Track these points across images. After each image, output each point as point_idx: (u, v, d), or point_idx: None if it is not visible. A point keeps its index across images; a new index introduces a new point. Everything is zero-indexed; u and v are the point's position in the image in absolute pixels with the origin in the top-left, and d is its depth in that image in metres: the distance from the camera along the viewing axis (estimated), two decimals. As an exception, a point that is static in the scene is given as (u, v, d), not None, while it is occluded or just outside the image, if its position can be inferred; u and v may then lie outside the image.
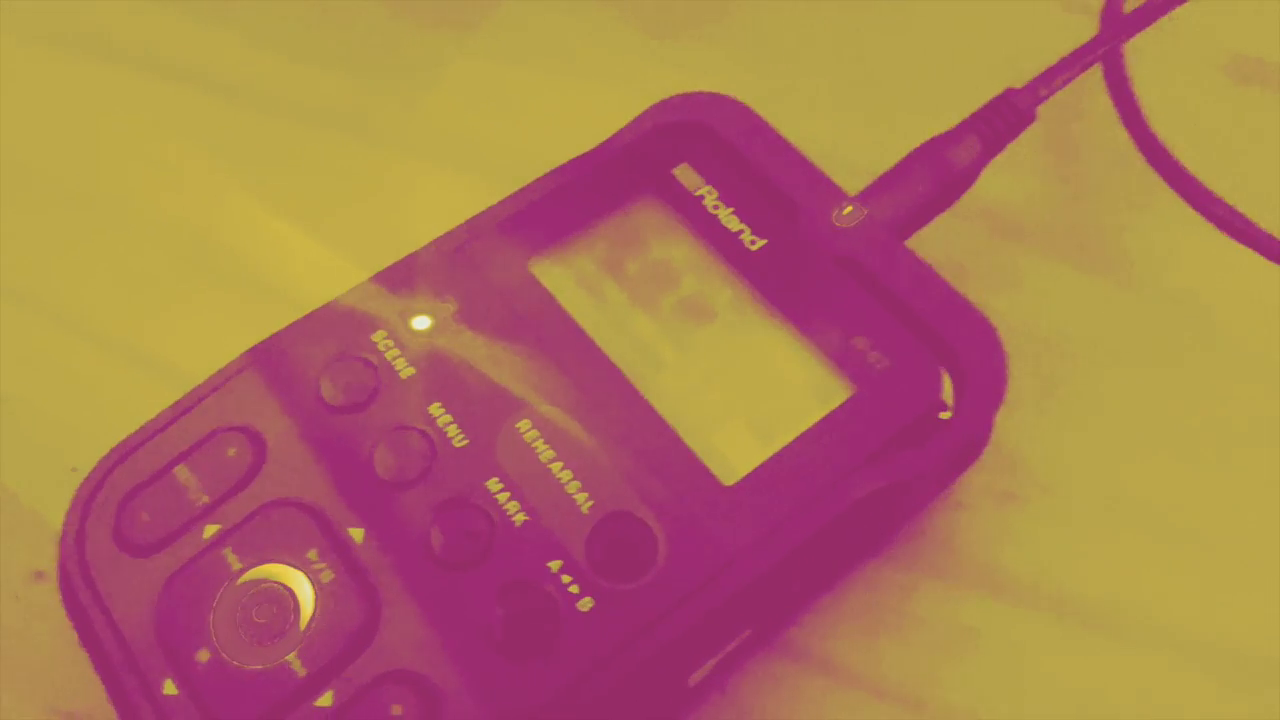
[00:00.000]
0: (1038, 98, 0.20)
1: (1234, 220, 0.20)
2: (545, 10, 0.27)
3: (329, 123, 0.25)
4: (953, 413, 0.17)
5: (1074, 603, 0.19)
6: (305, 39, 0.26)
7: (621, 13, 0.27)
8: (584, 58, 0.26)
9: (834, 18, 0.26)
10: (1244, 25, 0.26)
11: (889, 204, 0.20)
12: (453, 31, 0.26)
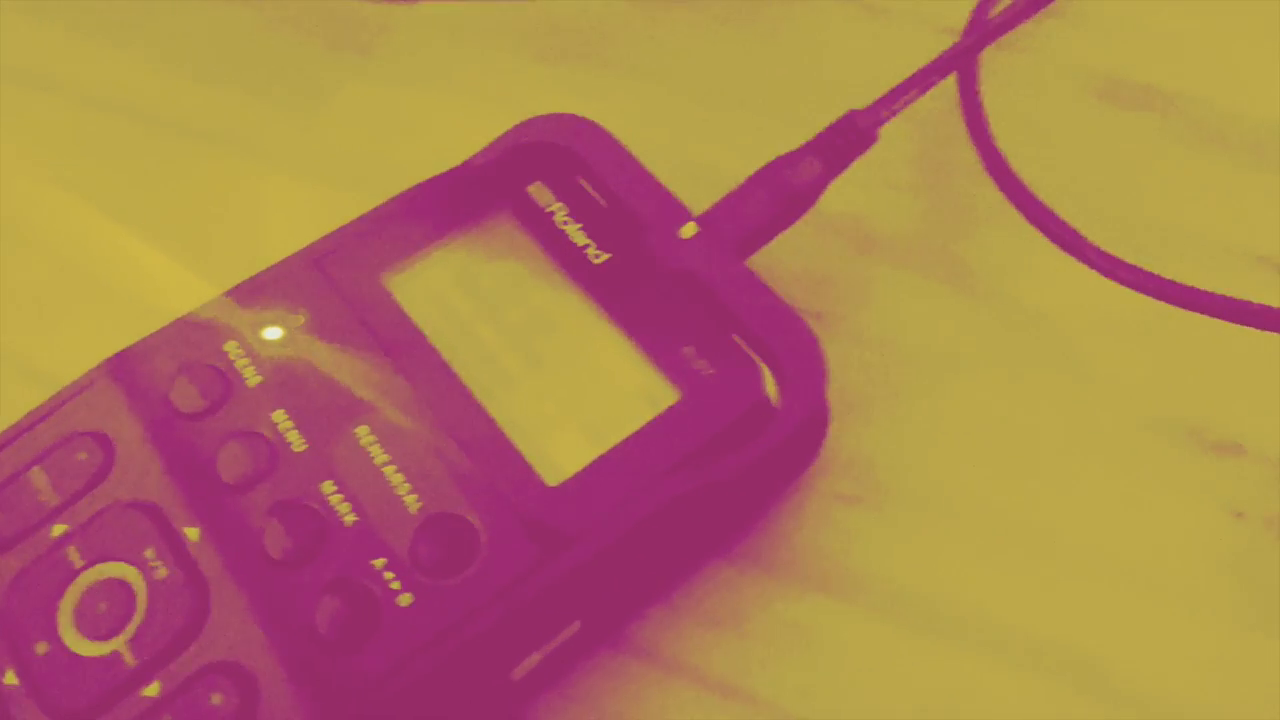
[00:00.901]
0: (879, 119, 0.21)
1: (1066, 235, 0.21)
2: (435, 37, 0.28)
3: (222, 143, 0.26)
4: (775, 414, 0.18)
5: (906, 602, 0.20)
6: (210, 62, 0.27)
7: (508, 39, 0.28)
8: (470, 81, 0.27)
9: (711, 43, 0.27)
10: (1107, 46, 0.27)
11: (731, 221, 0.21)
12: (349, 56, 0.27)
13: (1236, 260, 0.24)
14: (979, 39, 0.22)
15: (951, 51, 0.22)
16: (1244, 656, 0.20)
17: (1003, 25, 0.22)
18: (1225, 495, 0.21)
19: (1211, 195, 0.25)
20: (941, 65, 0.22)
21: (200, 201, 0.25)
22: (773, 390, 0.18)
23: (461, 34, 0.28)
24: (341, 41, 0.28)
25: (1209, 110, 0.26)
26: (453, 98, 0.27)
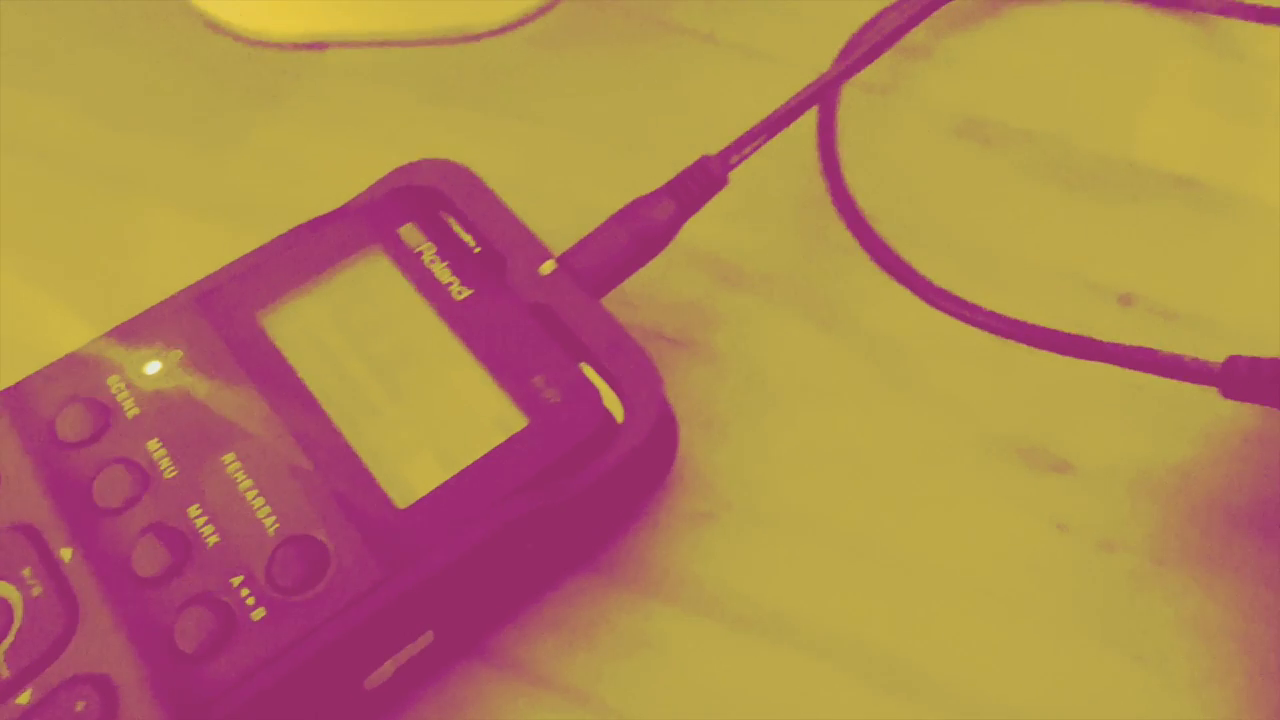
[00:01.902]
0: (729, 164, 0.23)
1: (900, 268, 0.23)
2: (342, 83, 0.29)
3: (133, 186, 0.27)
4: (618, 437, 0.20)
5: (752, 613, 0.22)
6: (124, 107, 0.29)
7: (410, 84, 0.29)
8: (373, 125, 0.28)
9: (596, 87, 0.29)
10: (968, 86, 0.28)
11: (589, 259, 0.22)
12: (261, 102, 0.29)
13: (1077, 288, 0.25)
14: (823, 86, 0.23)
15: (797, 98, 0.23)
16: (1063, 663, 0.21)
17: (848, 70, 0.24)
18: (1052, 510, 0.22)
19: (1058, 227, 0.26)
20: (788, 112, 0.23)
21: (108, 241, 0.27)
22: (615, 416, 0.20)
23: (367, 80, 0.29)
24: (253, 88, 0.29)
25: (1060, 147, 0.27)
26: (356, 141, 0.28)
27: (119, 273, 0.26)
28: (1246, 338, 0.25)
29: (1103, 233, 0.26)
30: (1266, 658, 0.21)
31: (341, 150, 0.28)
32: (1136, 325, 0.25)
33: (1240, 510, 0.22)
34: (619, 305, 0.25)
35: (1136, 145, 0.27)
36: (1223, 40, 0.29)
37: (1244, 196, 0.27)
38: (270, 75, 0.29)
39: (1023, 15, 0.30)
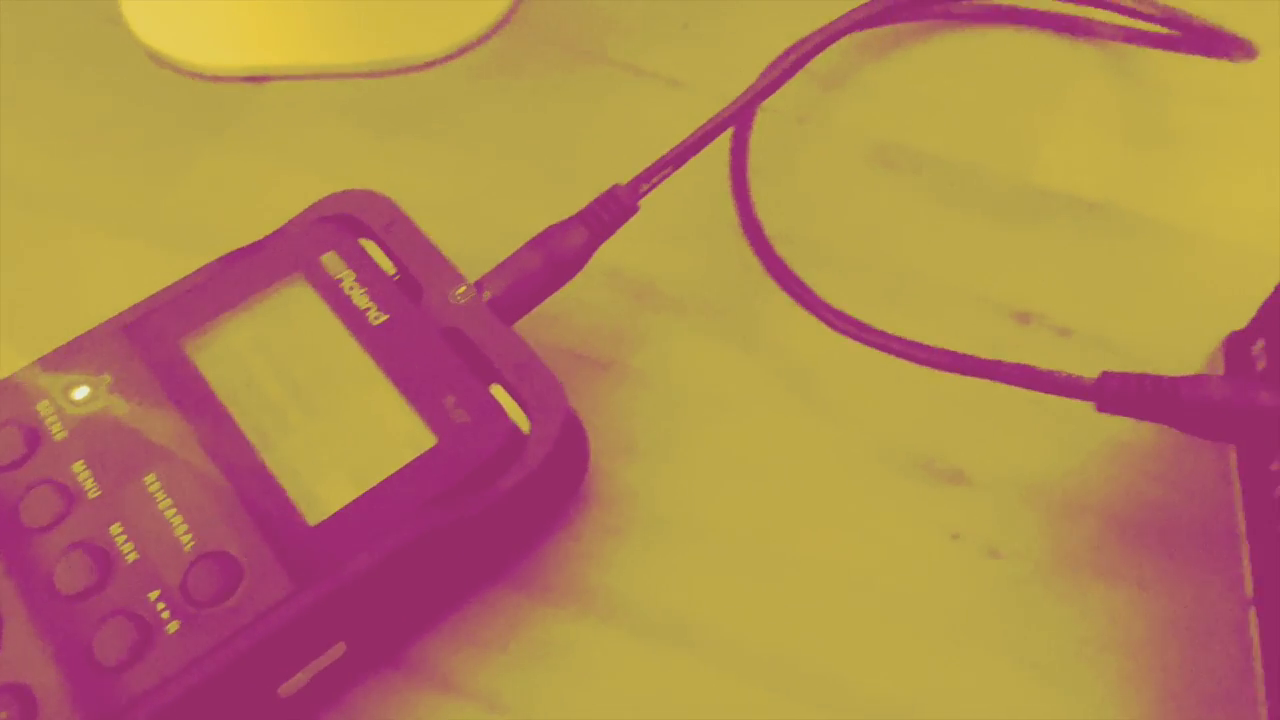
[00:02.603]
0: (639, 192, 0.24)
1: (801, 291, 0.24)
2: (283, 114, 0.30)
3: (78, 215, 0.28)
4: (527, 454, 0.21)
5: (659, 622, 0.23)
6: (71, 140, 0.30)
7: (347, 114, 0.30)
8: (311, 154, 0.29)
9: (527, 116, 0.30)
10: (884, 115, 0.30)
11: (504, 285, 0.23)
12: (204, 133, 0.30)
13: (980, 307, 0.26)
14: (727, 117, 0.24)
15: (703, 129, 0.24)
16: (951, 667, 0.22)
17: (751, 101, 0.25)
18: (946, 520, 0.23)
19: (963, 249, 0.27)
20: (695, 142, 0.24)
21: (51, 270, 0.28)
22: (521, 435, 0.21)
23: (306, 111, 0.30)
24: (196, 120, 0.30)
25: (968, 171, 0.29)
26: (295, 170, 0.29)
27: (60, 301, 0.27)
28: (1142, 354, 0.26)
29: (1005, 254, 0.27)
30: (1146, 661, 0.22)
31: (281, 179, 0.29)
32: (1034, 342, 0.26)
33: (1125, 519, 0.24)
34: (540, 326, 0.26)
35: (1041, 169, 0.29)
36: (1128, 66, 0.31)
37: (1143, 218, 0.28)
38: (212, 107, 0.31)
39: (937, 43, 0.31)
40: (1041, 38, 0.31)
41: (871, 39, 0.31)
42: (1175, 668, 0.22)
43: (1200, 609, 0.23)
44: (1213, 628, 0.22)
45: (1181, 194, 0.28)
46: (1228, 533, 0.23)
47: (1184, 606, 0.23)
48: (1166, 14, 0.26)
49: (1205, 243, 0.27)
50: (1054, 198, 0.28)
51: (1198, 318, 0.26)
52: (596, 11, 0.32)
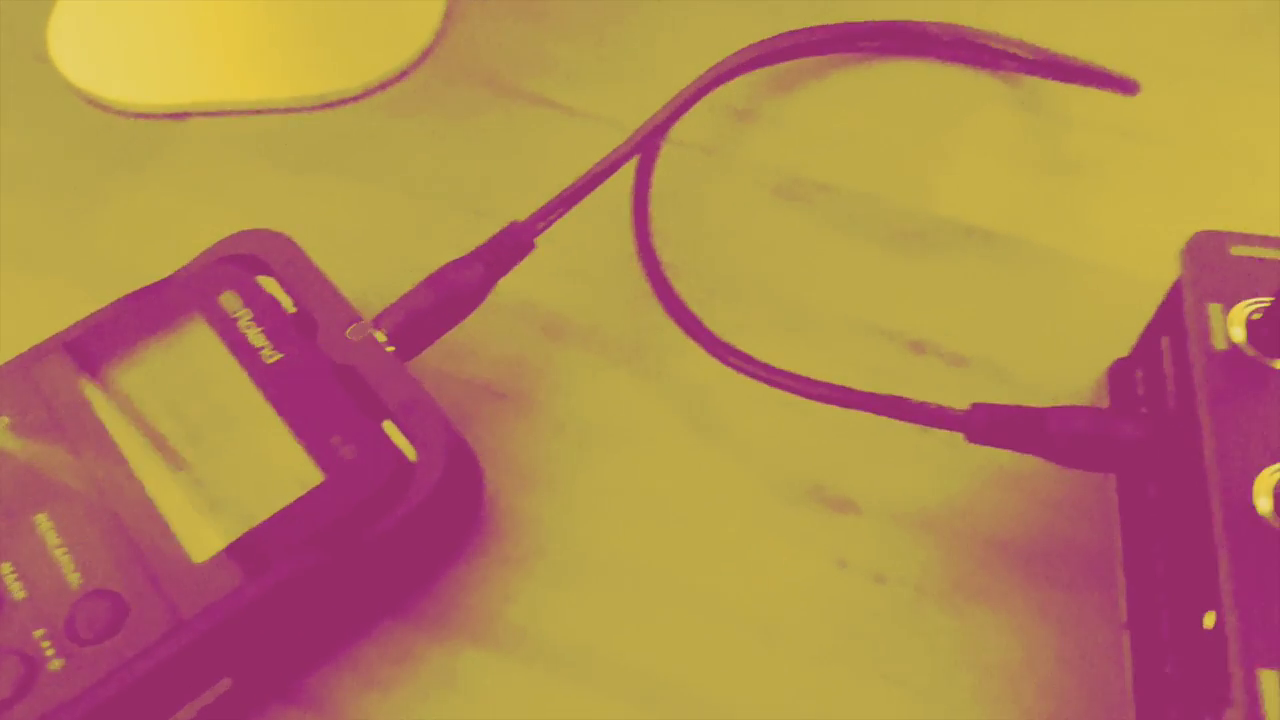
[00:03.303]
0: (536, 229, 0.25)
1: (692, 324, 0.24)
2: (203, 150, 0.31)
3: None
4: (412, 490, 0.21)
5: (555, 652, 0.23)
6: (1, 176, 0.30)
7: (267, 150, 0.31)
8: (230, 191, 0.30)
9: (441, 152, 0.31)
10: (790, 147, 0.30)
11: (398, 321, 0.24)
12: (123, 170, 0.30)
13: (875, 337, 0.27)
14: (620, 157, 0.25)
15: (599, 166, 0.25)
16: (836, 693, 0.22)
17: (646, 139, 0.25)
18: (834, 547, 0.24)
19: (861, 280, 0.28)
20: (591, 179, 0.25)
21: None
22: (407, 470, 0.22)
23: (226, 147, 0.31)
24: (116, 156, 0.31)
25: (870, 203, 0.29)
26: (213, 206, 0.30)
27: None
28: (1033, 383, 0.26)
29: (902, 284, 0.28)
30: (1023, 684, 0.22)
31: (199, 216, 0.30)
32: (927, 371, 0.26)
33: (1010, 545, 0.24)
34: (444, 359, 0.27)
35: (940, 199, 0.29)
36: (1028, 97, 0.31)
37: (1038, 246, 0.28)
38: (133, 144, 0.31)
39: (844, 77, 0.32)
40: (944, 70, 0.32)
41: (783, 73, 0.32)
42: (1051, 691, 0.22)
43: (1078, 633, 0.23)
44: (1089, 652, 0.23)
45: (1076, 223, 0.29)
46: (1109, 558, 0.24)
47: (1063, 631, 0.23)
48: (1045, 57, 0.27)
49: (1098, 271, 0.28)
50: (951, 227, 0.29)
51: (1089, 345, 0.27)
52: (515, 47, 0.33)
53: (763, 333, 0.27)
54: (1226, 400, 0.20)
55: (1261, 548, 0.18)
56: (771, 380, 0.23)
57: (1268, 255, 0.21)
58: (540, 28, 0.33)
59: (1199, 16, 0.33)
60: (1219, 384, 0.20)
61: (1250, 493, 0.19)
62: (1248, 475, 0.19)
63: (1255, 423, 0.20)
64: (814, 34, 0.27)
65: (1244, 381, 0.20)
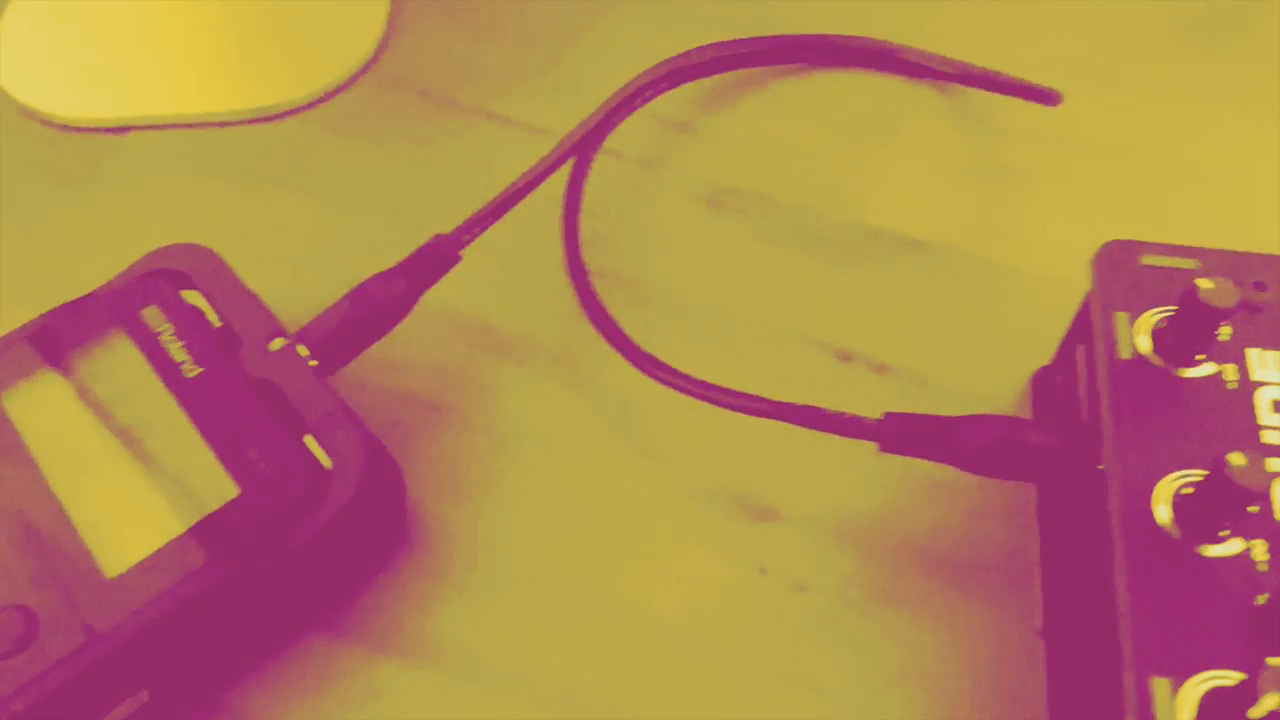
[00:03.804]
0: (461, 242, 0.25)
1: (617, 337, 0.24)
2: (143, 164, 0.31)
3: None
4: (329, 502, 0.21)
5: (478, 664, 0.23)
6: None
7: (206, 164, 0.31)
8: (170, 204, 0.30)
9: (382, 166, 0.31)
10: (725, 158, 0.30)
11: (323, 335, 0.24)
12: (62, 185, 0.30)
13: (804, 346, 0.27)
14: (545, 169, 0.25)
15: (523, 179, 0.25)
16: (755, 701, 0.23)
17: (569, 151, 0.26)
18: (756, 556, 0.24)
19: (792, 289, 0.28)
20: (515, 193, 0.25)
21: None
22: (323, 483, 0.22)
23: (166, 160, 0.31)
24: (57, 171, 0.31)
25: (803, 213, 0.30)
26: (152, 220, 0.30)
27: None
28: (959, 390, 0.27)
29: (832, 293, 0.28)
30: (939, 690, 0.23)
31: (137, 229, 0.30)
32: (852, 380, 0.27)
33: (932, 553, 0.24)
34: (375, 370, 0.27)
35: (872, 209, 0.30)
36: (962, 107, 0.31)
37: (968, 255, 0.29)
38: (74, 158, 0.31)
39: (781, 88, 0.32)
40: (880, 81, 0.32)
41: (719, 85, 0.32)
42: (967, 696, 0.23)
43: (998, 640, 0.23)
44: (1008, 659, 0.23)
45: (1007, 232, 0.29)
46: (1029, 566, 0.24)
47: (983, 638, 0.23)
48: (962, 70, 0.27)
49: (1027, 279, 0.28)
50: (882, 237, 0.29)
51: (1016, 353, 0.27)
52: (455, 59, 0.33)
53: (693, 342, 0.27)
54: (1129, 409, 0.20)
55: (1159, 556, 0.19)
56: (691, 390, 0.23)
57: (1177, 264, 0.22)
58: (482, 41, 0.33)
59: (1130, 26, 0.33)
60: (1122, 393, 0.20)
61: (1150, 501, 0.19)
62: (1148, 484, 0.19)
63: (1158, 431, 0.20)
64: (726, 48, 0.28)
65: (1148, 390, 0.20)
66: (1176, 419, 0.20)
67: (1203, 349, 0.20)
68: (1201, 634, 0.18)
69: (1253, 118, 0.31)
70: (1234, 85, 0.31)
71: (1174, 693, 0.17)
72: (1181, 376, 0.20)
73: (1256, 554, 0.18)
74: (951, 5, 0.33)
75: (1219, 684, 0.17)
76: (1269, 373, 0.20)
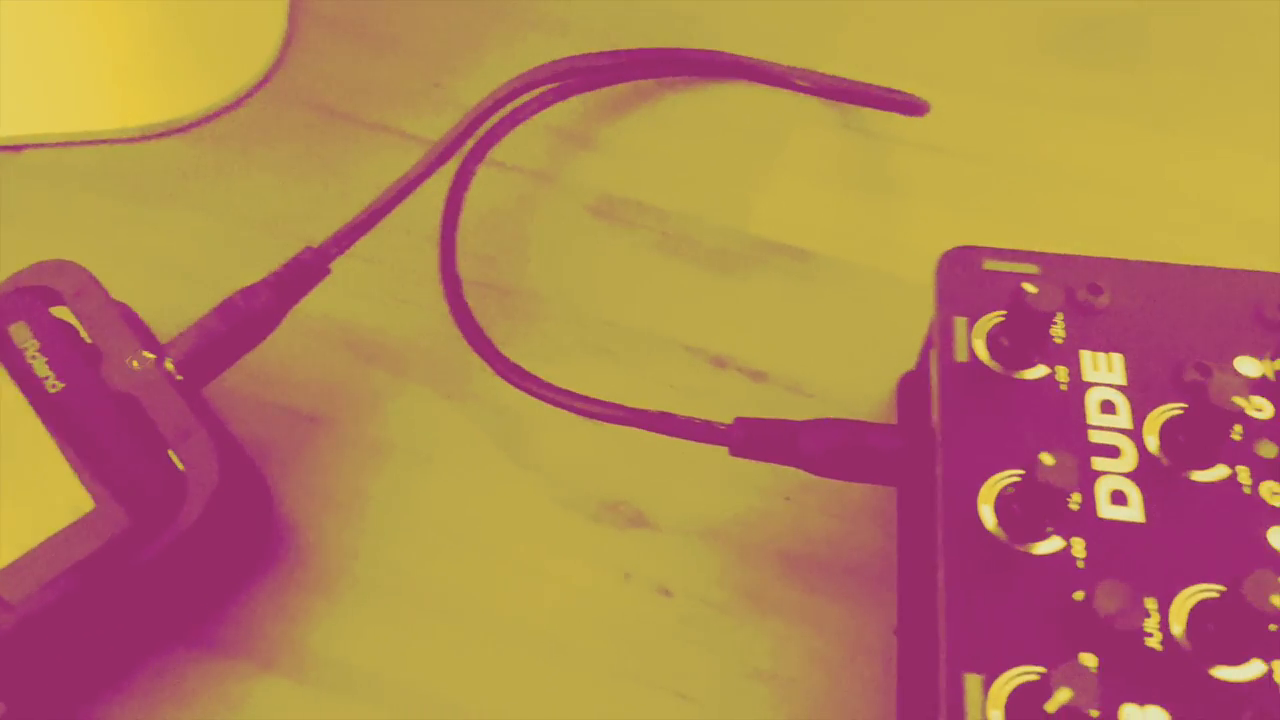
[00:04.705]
0: (330, 254, 0.25)
1: (482, 343, 0.25)
2: (37, 183, 0.31)
3: None
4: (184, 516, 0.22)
5: (350, 678, 0.23)
6: None
7: (102, 182, 0.31)
8: (65, 223, 0.30)
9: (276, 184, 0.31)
10: (613, 168, 0.31)
11: (189, 349, 0.24)
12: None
13: (679, 353, 0.27)
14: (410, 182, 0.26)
15: (389, 191, 0.26)
16: (617, 705, 0.23)
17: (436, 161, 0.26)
18: (623, 561, 0.24)
19: (671, 297, 0.28)
20: (385, 205, 0.26)
21: None
22: (178, 496, 0.22)
23: (61, 178, 0.31)
24: (-45, 188, 0.31)
25: (687, 222, 0.30)
26: (41, 237, 0.30)
27: None
28: (832, 396, 0.27)
29: (712, 302, 0.28)
30: (797, 689, 0.23)
31: (26, 246, 0.30)
32: (728, 387, 0.27)
33: (797, 556, 0.25)
34: (253, 384, 0.27)
35: (756, 218, 0.30)
36: (853, 119, 0.32)
37: (847, 264, 0.29)
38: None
39: (672, 100, 0.32)
40: (769, 93, 0.32)
41: (607, 97, 0.33)
42: (825, 695, 0.23)
43: (859, 642, 0.24)
44: (863, 657, 0.23)
45: (886, 240, 0.29)
46: (890, 567, 0.24)
47: (840, 638, 0.24)
48: (824, 83, 0.28)
49: (904, 286, 0.28)
50: (765, 246, 0.29)
51: (889, 358, 0.27)
52: (352, 74, 0.33)
53: (574, 352, 0.28)
54: (962, 410, 0.20)
55: (981, 554, 0.19)
56: (551, 399, 0.23)
57: (1017, 269, 0.22)
58: (380, 55, 0.34)
59: (1011, 35, 0.33)
60: (955, 394, 0.21)
61: (976, 501, 0.19)
62: (975, 484, 0.20)
63: (988, 432, 0.20)
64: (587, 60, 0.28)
65: (981, 392, 0.21)
66: (1008, 420, 0.20)
67: (1038, 351, 0.21)
68: (1018, 631, 0.18)
69: (1131, 125, 0.31)
70: (1112, 94, 0.32)
71: (985, 689, 0.17)
72: (1016, 378, 0.21)
73: (1076, 551, 0.19)
74: (843, 19, 0.34)
75: (1027, 680, 0.17)
76: (1100, 374, 0.21)
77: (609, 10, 0.34)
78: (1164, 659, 0.18)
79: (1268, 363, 0.21)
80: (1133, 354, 0.21)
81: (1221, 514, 0.19)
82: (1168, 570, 0.18)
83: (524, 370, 0.24)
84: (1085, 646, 0.18)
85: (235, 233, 0.30)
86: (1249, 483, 0.19)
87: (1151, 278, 0.22)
